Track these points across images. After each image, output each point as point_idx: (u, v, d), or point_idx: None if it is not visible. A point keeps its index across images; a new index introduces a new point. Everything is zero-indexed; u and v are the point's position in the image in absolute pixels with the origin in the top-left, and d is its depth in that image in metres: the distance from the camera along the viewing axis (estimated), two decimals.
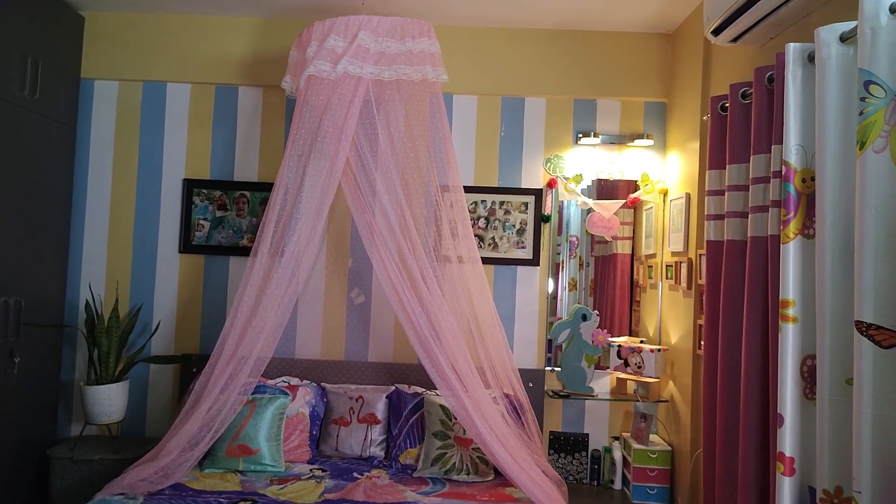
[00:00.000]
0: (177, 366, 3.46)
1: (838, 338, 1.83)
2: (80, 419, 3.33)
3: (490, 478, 2.99)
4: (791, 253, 2.00)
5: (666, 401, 3.37)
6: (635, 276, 3.65)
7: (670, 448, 3.24)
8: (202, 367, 2.92)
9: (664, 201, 3.46)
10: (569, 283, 3.61)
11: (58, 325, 3.33)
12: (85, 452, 3.09)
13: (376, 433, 3.18)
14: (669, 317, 3.38)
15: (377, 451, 3.16)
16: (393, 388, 3.33)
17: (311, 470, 2.98)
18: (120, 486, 2.61)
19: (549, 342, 3.54)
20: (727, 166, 2.48)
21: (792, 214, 1.99)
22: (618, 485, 3.35)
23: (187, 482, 2.75)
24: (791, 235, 2.00)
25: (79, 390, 3.26)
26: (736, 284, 2.43)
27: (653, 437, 3.34)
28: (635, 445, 3.22)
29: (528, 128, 3.57)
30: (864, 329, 1.67)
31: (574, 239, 3.62)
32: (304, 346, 3.51)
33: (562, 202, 3.57)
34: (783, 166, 2.02)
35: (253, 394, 3.01)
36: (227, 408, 2.82)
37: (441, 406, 3.07)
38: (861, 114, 1.69)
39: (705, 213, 2.71)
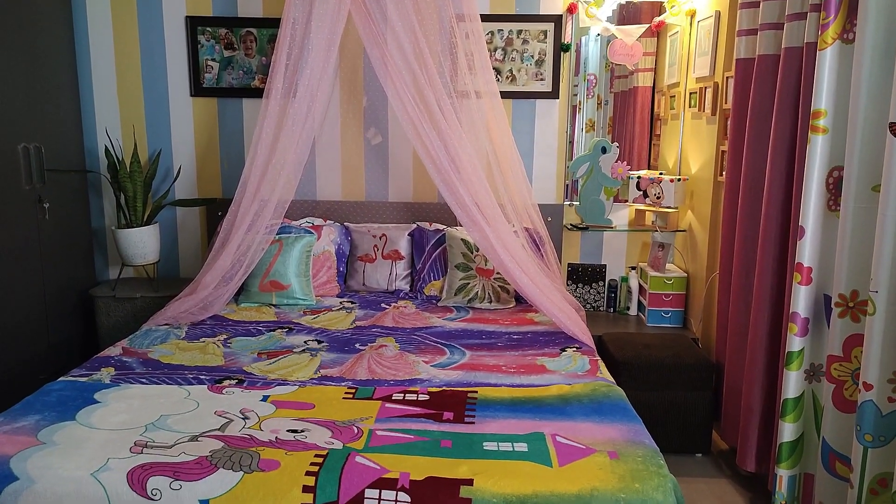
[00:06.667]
0: (203, 209, 3.53)
1: (870, 144, 1.81)
2: (116, 263, 3.47)
3: (511, 305, 3.13)
4: (827, 60, 1.92)
5: (684, 230, 3.41)
6: (656, 109, 3.56)
7: (686, 275, 3.34)
8: (227, 209, 2.98)
9: (691, 23, 3.28)
10: (586, 124, 3.53)
11: (82, 170, 3.35)
12: (126, 291, 3.26)
13: (401, 268, 3.29)
14: (691, 146, 3.33)
15: (402, 285, 3.29)
16: (415, 225, 3.39)
17: (340, 303, 3.13)
18: (164, 318, 2.78)
19: (567, 186, 3.53)
20: None
21: (832, 17, 1.89)
22: (633, 311, 3.50)
23: (225, 314, 2.92)
24: (829, 41, 1.91)
25: (111, 234, 3.36)
26: (765, 102, 2.37)
27: (669, 266, 3.43)
28: (652, 273, 3.32)
29: None
30: None
31: (592, 77, 3.49)
32: (324, 189, 3.54)
33: (579, 40, 3.39)
34: None
35: (279, 234, 3.09)
36: (255, 245, 2.91)
37: (463, 240, 3.14)
38: None
39: (737, 30, 2.58)
